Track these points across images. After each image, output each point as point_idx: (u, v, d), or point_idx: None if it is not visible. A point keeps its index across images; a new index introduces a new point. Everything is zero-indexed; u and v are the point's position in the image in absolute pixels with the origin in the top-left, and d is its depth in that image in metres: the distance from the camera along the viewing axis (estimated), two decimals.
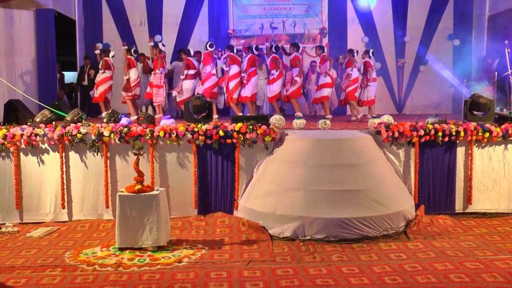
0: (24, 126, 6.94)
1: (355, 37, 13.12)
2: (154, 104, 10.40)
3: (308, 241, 5.81)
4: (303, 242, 5.75)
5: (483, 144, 6.95)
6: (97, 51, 11.43)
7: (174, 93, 10.72)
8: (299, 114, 10.06)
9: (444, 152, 6.91)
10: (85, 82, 11.85)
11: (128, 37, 12.94)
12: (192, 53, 10.71)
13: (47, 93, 10.74)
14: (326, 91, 10.39)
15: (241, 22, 13.19)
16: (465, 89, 10.91)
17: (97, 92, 10.69)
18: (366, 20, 13.16)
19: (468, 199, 6.94)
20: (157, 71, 10.19)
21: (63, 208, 6.83)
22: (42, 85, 10.86)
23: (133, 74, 10.26)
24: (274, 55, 10.65)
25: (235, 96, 10.28)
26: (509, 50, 9.95)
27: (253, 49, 10.70)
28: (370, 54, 10.58)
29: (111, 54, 10.86)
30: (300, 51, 10.92)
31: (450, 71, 12.81)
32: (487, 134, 6.83)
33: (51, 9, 10.80)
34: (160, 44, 10.66)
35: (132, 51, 10.47)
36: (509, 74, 9.92)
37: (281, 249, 5.60)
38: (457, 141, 6.89)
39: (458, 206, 6.96)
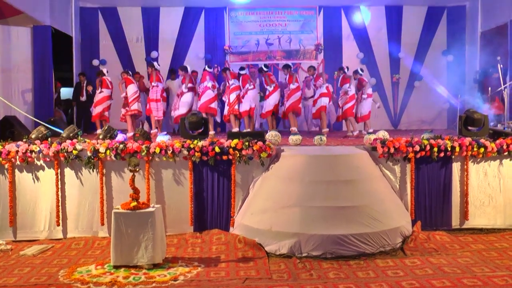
0: (19, 142, 6.91)
1: (350, 53, 13.25)
2: (154, 118, 10.42)
3: (304, 258, 5.77)
4: (299, 259, 5.72)
5: (478, 160, 6.97)
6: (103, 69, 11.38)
7: (173, 113, 10.77)
8: (294, 129, 10.09)
9: (439, 168, 6.91)
10: (84, 98, 11.85)
11: (125, 54, 13.04)
12: (189, 70, 10.82)
13: (44, 109, 10.75)
14: (323, 101, 10.44)
15: (237, 38, 13.30)
16: (460, 104, 10.98)
17: (94, 110, 10.73)
18: (361, 36, 13.31)
19: (464, 215, 6.93)
20: (153, 83, 10.27)
21: (58, 225, 6.77)
22: (38, 101, 10.88)
23: (131, 89, 10.32)
24: (266, 72, 10.75)
25: (236, 107, 10.35)
26: (501, 66, 10.05)
27: (246, 69, 10.86)
28: (360, 72, 10.71)
29: (105, 70, 10.94)
30: (293, 68, 11.04)
31: (444, 87, 12.91)
32: (482, 150, 6.84)
33: (48, 26, 10.87)
34: (155, 63, 10.78)
35: (128, 71, 10.61)
36: (503, 89, 10.01)
37: (277, 266, 5.56)
38: (453, 157, 6.90)
39: (455, 222, 6.94)
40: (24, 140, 7.06)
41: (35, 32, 10.90)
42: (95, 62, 12.92)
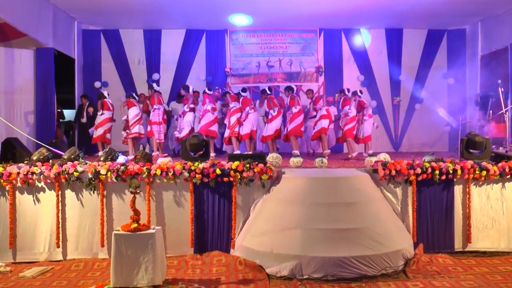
0: (21, 164, 6.91)
1: (351, 76, 13.36)
2: (156, 141, 10.44)
3: (305, 280, 5.72)
4: (300, 282, 5.66)
5: (480, 183, 6.94)
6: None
7: (177, 133, 10.79)
8: (296, 152, 10.09)
9: (441, 191, 6.89)
10: (84, 120, 11.90)
11: (126, 76, 13.15)
12: (191, 90, 10.88)
13: (45, 131, 10.77)
14: (324, 123, 10.45)
15: (238, 60, 13.42)
16: (461, 127, 11.02)
17: (96, 133, 10.76)
18: (362, 59, 13.42)
19: (467, 238, 6.87)
20: (154, 106, 10.32)
21: (58, 247, 6.72)
22: (40, 123, 10.92)
23: (133, 112, 10.36)
24: (269, 95, 10.80)
25: (236, 129, 10.37)
26: (502, 89, 10.10)
27: (246, 91, 10.92)
28: (359, 94, 10.77)
29: (106, 93, 11.02)
30: (295, 91, 11.09)
31: (445, 110, 12.97)
32: (484, 173, 6.82)
33: (51, 48, 10.97)
34: (154, 85, 10.86)
35: (134, 94, 10.67)
36: (504, 112, 10.04)
37: None
38: (455, 180, 6.88)
39: (458, 245, 6.88)
40: (25, 162, 7.07)
41: (38, 54, 11.00)
42: (97, 84, 13.01)
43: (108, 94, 11.21)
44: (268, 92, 10.99)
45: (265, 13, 11.91)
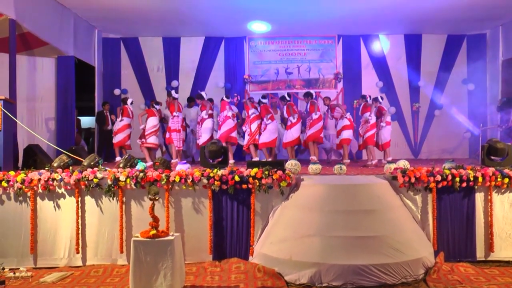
0: (42, 171, 7.00)
1: (370, 82, 13.28)
2: (175, 148, 10.48)
3: None
4: None
5: (502, 190, 6.82)
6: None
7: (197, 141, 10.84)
8: (314, 158, 10.05)
9: (462, 198, 6.79)
10: (110, 127, 11.97)
11: (146, 83, 13.29)
12: (205, 96, 10.94)
13: (66, 138, 10.91)
14: (346, 134, 10.42)
15: (257, 67, 13.44)
16: (481, 133, 10.87)
17: (115, 138, 10.86)
18: (380, 65, 13.35)
19: (489, 247, 6.74)
20: (174, 113, 10.37)
21: (77, 253, 6.78)
22: (60, 130, 11.06)
23: (151, 122, 10.42)
24: (288, 102, 10.78)
25: (256, 137, 10.38)
26: None
27: (266, 98, 10.93)
28: (380, 100, 10.70)
29: (129, 101, 11.10)
30: (314, 96, 11.05)
31: (465, 116, 12.82)
32: (506, 180, 6.70)
33: (71, 56, 11.13)
34: (172, 92, 10.93)
35: (154, 103, 10.75)
36: None
37: None
38: (476, 187, 6.77)
39: (479, 254, 6.75)
40: (46, 168, 7.15)
41: (59, 62, 11.17)
42: (117, 92, 13.16)
43: (131, 103, 11.28)
44: (288, 98, 10.97)
45: (283, 20, 11.93)
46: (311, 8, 10.88)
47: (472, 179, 6.67)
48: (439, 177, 6.63)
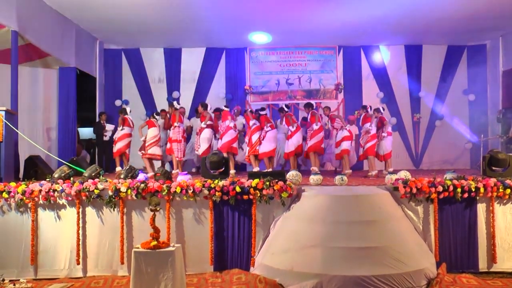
0: (43, 182, 7.00)
1: (370, 92, 13.31)
2: (176, 159, 10.47)
3: None
4: None
5: (504, 201, 6.80)
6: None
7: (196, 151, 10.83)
8: (315, 169, 10.04)
9: (464, 209, 6.77)
10: (107, 138, 11.99)
11: (147, 94, 13.32)
12: (209, 108, 10.92)
13: (67, 148, 10.91)
14: (345, 145, 10.41)
15: (258, 78, 13.48)
16: (482, 144, 10.86)
17: (115, 147, 10.85)
18: (381, 76, 13.38)
19: (492, 258, 6.70)
20: (175, 124, 10.37)
21: (78, 264, 6.76)
22: (62, 141, 11.05)
23: (151, 132, 10.41)
24: (287, 112, 10.79)
25: (257, 148, 10.37)
26: None
27: (265, 110, 10.96)
28: (381, 110, 10.71)
29: (128, 110, 11.12)
30: (315, 107, 11.06)
31: (466, 126, 12.82)
32: (508, 191, 6.68)
33: (73, 67, 11.15)
34: (174, 102, 10.94)
35: (155, 114, 10.76)
36: None
37: None
38: (477, 198, 6.75)
39: (482, 265, 6.71)
40: (47, 179, 7.15)
41: (61, 73, 11.19)
42: (118, 102, 13.18)
43: (130, 111, 11.31)
44: (286, 109, 10.98)
45: (284, 31, 11.98)
46: (311, 19, 10.92)
47: (473, 189, 6.66)
48: (440, 188, 6.62)
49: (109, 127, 12.00)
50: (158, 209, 5.71)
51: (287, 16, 10.65)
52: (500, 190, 6.68)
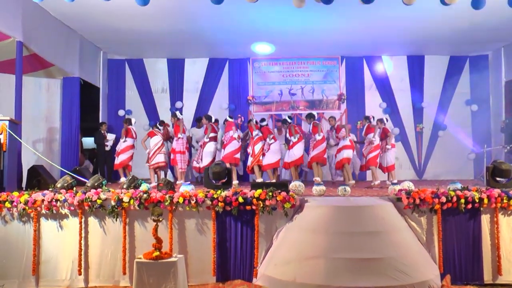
0: (45, 191, 7.00)
1: (373, 103, 13.30)
2: (179, 170, 10.45)
3: None
4: None
5: (509, 212, 6.76)
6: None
7: (195, 163, 10.81)
8: (318, 180, 10.02)
9: (468, 220, 6.73)
10: (108, 148, 12.01)
11: (150, 104, 13.35)
12: (213, 120, 10.93)
13: (70, 158, 10.91)
14: (346, 153, 10.36)
15: (260, 88, 13.50)
16: (486, 154, 10.82)
17: (117, 159, 10.84)
18: (384, 86, 13.38)
19: (497, 270, 6.65)
20: (179, 135, 10.37)
21: (80, 274, 6.73)
22: (65, 150, 11.07)
23: (153, 141, 10.43)
24: (290, 123, 10.78)
25: (260, 158, 10.35)
26: None
27: (265, 121, 10.95)
28: (385, 121, 10.69)
29: (133, 121, 11.14)
30: (317, 117, 11.05)
31: (469, 137, 12.80)
32: None
33: (77, 77, 11.19)
34: (177, 113, 10.95)
35: (158, 124, 10.77)
36: None
37: None
38: (481, 209, 6.71)
39: (487, 277, 6.65)
40: (50, 189, 7.16)
41: (65, 83, 11.23)
42: (121, 112, 13.21)
43: (135, 122, 11.33)
44: (289, 121, 10.97)
45: (287, 42, 12.01)
46: (314, 30, 10.95)
47: (477, 200, 6.63)
48: (444, 199, 6.59)
49: (110, 136, 12.02)
50: (160, 219, 5.72)
51: (290, 27, 10.69)
52: (504, 201, 6.66)
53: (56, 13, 9.90)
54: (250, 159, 10.55)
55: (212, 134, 10.65)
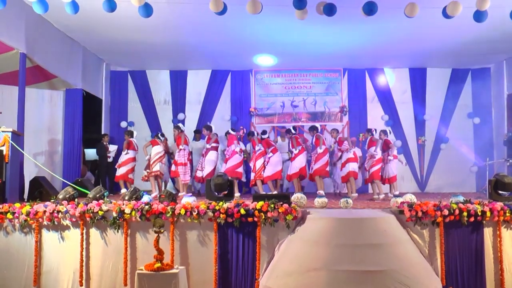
0: (47, 203, 7.01)
1: (375, 115, 13.30)
2: (182, 182, 10.43)
3: None
4: None
5: (511, 225, 6.74)
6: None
7: (199, 172, 10.79)
8: (321, 192, 9.99)
9: (470, 233, 6.70)
10: (110, 159, 12.02)
11: (152, 116, 13.37)
12: (213, 130, 10.94)
13: (72, 170, 10.91)
14: (351, 166, 10.33)
15: (263, 100, 13.52)
16: (488, 167, 10.80)
17: (119, 171, 10.84)
18: (386, 98, 13.40)
19: (500, 283, 6.61)
20: (180, 147, 10.36)
21: (81, 285, 6.72)
22: (67, 162, 11.07)
23: (155, 150, 10.43)
24: (293, 135, 10.77)
25: (262, 173, 10.32)
26: None
27: (266, 133, 10.95)
28: (387, 132, 10.68)
29: (135, 134, 11.15)
30: (320, 130, 11.05)
31: (471, 150, 12.78)
32: None
33: (79, 89, 11.22)
34: (180, 124, 10.97)
35: (159, 135, 10.78)
36: None
37: None
38: (484, 222, 6.69)
39: None
40: (51, 200, 7.16)
41: (67, 95, 11.26)
42: (123, 124, 13.23)
43: (136, 135, 11.34)
44: (293, 132, 10.97)
45: (289, 54, 12.06)
46: (316, 42, 10.99)
47: (480, 213, 6.61)
48: (446, 212, 6.57)
49: (112, 147, 12.05)
50: (162, 231, 5.71)
51: (292, 39, 10.73)
52: (507, 214, 6.64)
53: (59, 25, 9.96)
54: (252, 174, 10.53)
55: (214, 144, 10.66)
